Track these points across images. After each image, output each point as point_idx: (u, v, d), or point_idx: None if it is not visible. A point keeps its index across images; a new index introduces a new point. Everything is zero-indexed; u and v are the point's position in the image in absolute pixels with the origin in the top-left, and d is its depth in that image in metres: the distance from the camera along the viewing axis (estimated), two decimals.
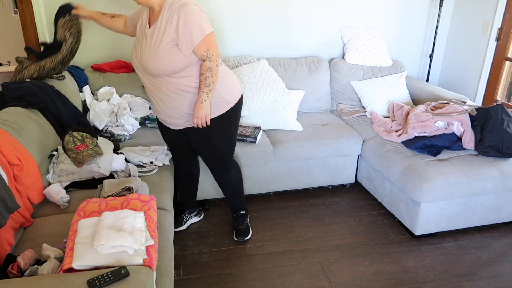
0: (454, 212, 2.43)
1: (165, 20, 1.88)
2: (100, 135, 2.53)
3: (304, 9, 3.30)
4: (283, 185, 2.87)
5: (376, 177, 2.78)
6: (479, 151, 2.47)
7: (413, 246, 2.43)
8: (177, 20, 1.84)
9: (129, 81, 2.93)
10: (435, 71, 3.85)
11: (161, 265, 1.56)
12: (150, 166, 2.29)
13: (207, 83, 1.94)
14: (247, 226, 2.50)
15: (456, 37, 3.63)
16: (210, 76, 1.93)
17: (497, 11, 3.18)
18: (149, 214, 1.53)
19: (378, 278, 2.16)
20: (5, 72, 3.66)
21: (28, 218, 1.77)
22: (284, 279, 2.15)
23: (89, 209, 1.51)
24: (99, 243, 1.30)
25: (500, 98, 3.34)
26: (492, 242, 2.48)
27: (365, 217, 2.72)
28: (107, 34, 3.03)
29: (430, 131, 2.54)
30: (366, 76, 3.34)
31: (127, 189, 1.87)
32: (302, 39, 3.40)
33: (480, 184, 2.33)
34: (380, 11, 3.47)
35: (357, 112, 3.20)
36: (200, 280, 2.13)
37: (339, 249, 2.39)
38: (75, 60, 3.05)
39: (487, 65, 3.34)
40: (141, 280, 1.25)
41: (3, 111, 2.02)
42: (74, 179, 2.07)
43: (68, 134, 2.12)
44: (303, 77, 3.21)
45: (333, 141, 2.79)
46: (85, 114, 2.63)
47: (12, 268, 1.37)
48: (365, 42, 3.35)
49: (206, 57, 1.90)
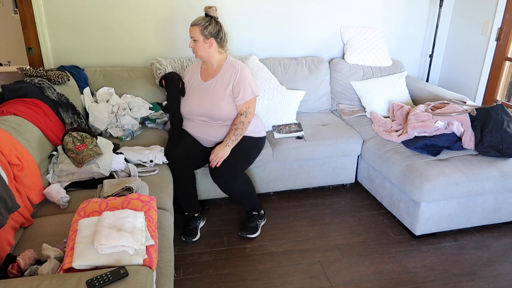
0: (454, 212, 2.43)
1: (227, 76, 2.34)
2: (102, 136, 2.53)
3: (304, 9, 3.30)
4: (283, 185, 2.87)
5: (376, 177, 2.78)
6: (479, 151, 2.47)
7: (413, 246, 2.43)
8: (240, 80, 2.30)
9: (129, 80, 2.93)
10: (435, 71, 3.85)
11: (161, 265, 1.56)
12: (150, 165, 2.29)
13: (236, 133, 2.33)
14: (256, 226, 2.51)
15: (456, 37, 3.63)
16: (241, 129, 2.34)
17: (497, 11, 3.18)
18: (150, 214, 1.53)
19: (378, 278, 2.16)
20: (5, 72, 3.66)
21: (28, 218, 1.77)
22: (284, 279, 2.15)
23: (89, 209, 1.51)
24: (99, 242, 1.30)
25: (500, 98, 3.34)
26: (492, 242, 2.48)
27: (365, 217, 2.72)
28: (107, 34, 3.03)
29: (430, 131, 2.54)
30: (366, 76, 3.34)
31: (127, 189, 1.87)
32: (302, 39, 3.40)
33: (480, 184, 2.33)
34: (380, 11, 3.47)
35: (357, 112, 3.20)
36: (200, 280, 2.13)
37: (339, 249, 2.39)
38: (75, 60, 3.06)
39: (487, 65, 3.34)
40: (140, 280, 1.25)
41: None
42: (74, 179, 2.06)
43: (67, 134, 2.11)
44: (303, 77, 3.21)
45: (333, 141, 2.79)
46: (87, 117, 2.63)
47: (12, 268, 1.37)
48: (365, 42, 3.35)
49: (244, 112, 2.34)
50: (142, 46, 3.12)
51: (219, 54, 2.36)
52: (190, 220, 2.49)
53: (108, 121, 2.62)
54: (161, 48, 3.15)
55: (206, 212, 2.74)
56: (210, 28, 2.25)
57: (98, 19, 2.98)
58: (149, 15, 3.04)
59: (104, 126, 2.60)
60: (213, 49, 2.32)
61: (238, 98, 2.32)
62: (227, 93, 2.33)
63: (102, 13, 2.97)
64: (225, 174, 2.28)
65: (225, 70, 2.35)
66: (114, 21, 3.01)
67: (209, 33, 2.26)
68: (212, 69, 2.40)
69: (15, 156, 1.76)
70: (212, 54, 2.34)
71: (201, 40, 2.27)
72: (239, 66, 2.34)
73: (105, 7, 2.96)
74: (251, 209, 2.53)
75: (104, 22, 3.00)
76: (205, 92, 2.37)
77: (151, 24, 3.07)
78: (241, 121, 2.33)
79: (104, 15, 2.98)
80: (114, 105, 2.70)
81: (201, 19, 2.27)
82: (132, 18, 3.03)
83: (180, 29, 3.11)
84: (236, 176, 2.31)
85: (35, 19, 2.86)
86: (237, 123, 2.33)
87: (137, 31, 3.07)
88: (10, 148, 1.75)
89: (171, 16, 3.08)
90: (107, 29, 3.02)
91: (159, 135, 2.71)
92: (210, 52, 2.32)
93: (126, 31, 3.05)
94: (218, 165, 2.29)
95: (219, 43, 2.32)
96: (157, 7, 3.04)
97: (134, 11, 3.01)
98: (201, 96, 2.38)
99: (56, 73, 2.56)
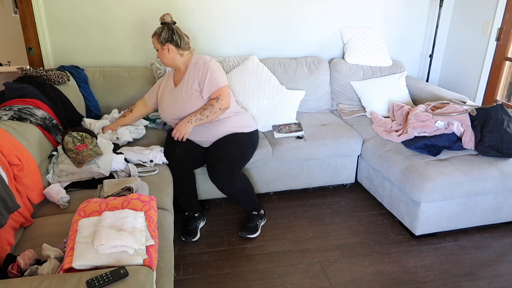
0: (454, 212, 2.43)
1: (192, 74, 2.36)
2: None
3: (304, 9, 3.30)
4: (283, 185, 2.87)
5: (376, 177, 2.78)
6: (479, 151, 2.47)
7: (413, 246, 2.43)
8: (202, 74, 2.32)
9: (129, 80, 2.93)
10: (435, 71, 3.85)
11: (161, 265, 1.56)
12: (150, 165, 2.29)
13: (204, 113, 2.32)
14: (256, 226, 2.51)
15: (456, 37, 3.63)
16: (209, 111, 2.32)
17: (497, 11, 3.18)
18: (149, 214, 1.54)
19: (378, 278, 2.16)
20: (5, 72, 3.66)
21: (28, 218, 1.77)
22: (284, 279, 2.15)
23: (89, 209, 1.51)
24: (99, 242, 1.30)
25: (500, 98, 3.34)
26: (492, 242, 2.48)
27: (365, 217, 2.72)
28: (107, 34, 3.03)
29: (430, 131, 2.54)
30: (366, 76, 3.34)
31: (127, 189, 1.87)
32: (302, 39, 3.40)
33: (480, 184, 2.33)
34: (380, 11, 3.47)
35: (357, 112, 3.20)
36: (200, 280, 2.13)
37: (339, 249, 2.39)
38: (75, 60, 3.06)
39: (487, 65, 3.34)
40: (140, 280, 1.25)
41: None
42: (74, 179, 2.07)
43: (67, 134, 2.11)
44: (303, 77, 3.21)
45: (333, 141, 2.79)
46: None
47: (12, 268, 1.37)
48: (365, 42, 3.35)
49: (216, 98, 2.32)
50: (142, 46, 3.12)
51: (182, 57, 2.38)
52: (190, 220, 2.49)
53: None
54: None
55: (206, 212, 2.74)
56: (163, 35, 2.31)
57: (98, 19, 2.98)
58: (149, 15, 3.05)
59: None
60: (172, 54, 2.35)
61: (204, 90, 2.32)
62: (194, 89, 2.35)
63: (102, 13, 2.97)
64: (222, 174, 2.28)
65: (190, 69, 2.38)
66: (114, 21, 3.01)
67: (164, 39, 2.31)
68: (181, 73, 2.43)
69: (15, 156, 1.76)
70: (174, 58, 2.36)
71: (160, 48, 2.34)
72: (202, 61, 2.36)
73: (105, 7, 2.96)
74: (250, 209, 2.52)
75: (104, 22, 3.00)
76: (176, 96, 2.39)
77: (151, 24, 3.07)
78: (211, 104, 2.32)
79: (104, 15, 2.98)
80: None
81: (157, 29, 2.34)
82: (132, 18, 3.03)
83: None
84: (233, 176, 2.31)
85: (35, 19, 2.86)
86: (207, 104, 2.33)
87: (137, 31, 3.07)
88: (10, 148, 1.75)
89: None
90: (107, 29, 3.02)
91: (159, 135, 2.72)
92: (171, 57, 2.35)
93: (126, 31, 3.06)
94: (182, 140, 2.33)
95: (177, 46, 2.34)
96: (157, 7, 3.04)
97: (134, 11, 3.01)
98: (172, 101, 2.40)
99: (56, 73, 2.56)
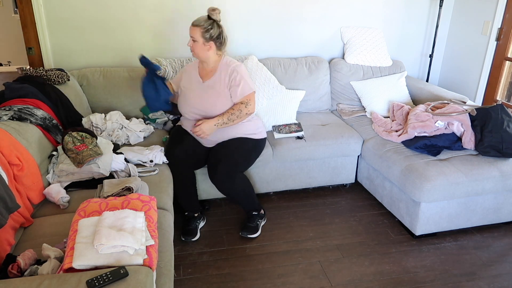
0: (454, 212, 2.43)
1: (224, 75, 2.34)
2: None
3: (304, 9, 3.30)
4: (283, 185, 2.87)
5: (376, 177, 2.78)
6: (479, 151, 2.47)
7: (413, 246, 2.43)
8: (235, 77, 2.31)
9: (129, 80, 2.92)
10: (435, 71, 3.85)
11: (161, 265, 1.56)
12: (150, 165, 2.29)
13: (230, 117, 2.33)
14: (256, 226, 2.50)
15: (456, 37, 3.63)
16: (236, 116, 2.33)
17: (497, 11, 3.18)
18: (150, 214, 1.53)
19: (378, 278, 2.16)
20: (5, 72, 3.66)
21: (28, 218, 1.77)
22: (284, 279, 2.15)
23: (89, 209, 1.51)
24: (99, 242, 1.30)
25: (500, 98, 3.34)
26: (492, 242, 2.48)
27: (365, 217, 2.72)
28: (107, 34, 3.03)
29: (430, 131, 2.54)
30: (366, 76, 3.34)
31: (127, 189, 1.87)
32: (302, 39, 3.40)
33: (480, 184, 2.33)
34: (380, 11, 3.47)
35: (357, 112, 3.20)
36: (200, 280, 2.13)
37: (339, 249, 2.39)
38: (75, 60, 3.06)
39: (487, 65, 3.33)
40: (140, 280, 1.25)
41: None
42: (74, 179, 2.07)
43: (67, 134, 2.11)
44: (303, 77, 3.21)
45: (333, 141, 2.79)
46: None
47: (12, 268, 1.37)
48: (365, 42, 3.35)
49: (245, 102, 2.34)
50: (142, 46, 3.12)
51: (217, 56, 2.37)
52: (190, 220, 2.49)
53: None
54: (161, 48, 3.15)
55: (206, 212, 2.74)
56: (211, 32, 2.25)
57: (98, 19, 2.98)
58: (149, 15, 3.04)
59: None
60: (211, 52, 2.32)
61: (237, 95, 2.33)
62: (226, 91, 2.35)
63: (102, 13, 2.97)
64: (222, 175, 2.28)
65: (221, 70, 2.36)
66: (114, 21, 3.01)
67: (210, 37, 2.25)
68: (208, 69, 2.41)
69: (15, 156, 1.76)
70: (209, 56, 2.34)
71: (200, 42, 2.26)
72: (234, 65, 2.36)
73: (104, 7, 2.96)
74: (250, 209, 2.52)
75: (104, 22, 3.00)
76: (204, 91, 2.38)
77: (151, 24, 3.07)
78: (239, 109, 2.33)
79: (104, 15, 2.98)
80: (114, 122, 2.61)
81: (204, 21, 2.25)
82: (131, 18, 3.03)
83: (180, 29, 3.10)
84: (233, 177, 2.31)
85: (35, 19, 2.86)
86: (235, 109, 2.33)
87: (137, 31, 3.07)
88: (10, 148, 1.75)
89: (171, 16, 3.08)
90: (107, 29, 3.02)
91: (159, 135, 2.72)
92: (208, 54, 2.33)
93: (126, 31, 3.05)
94: (201, 136, 2.35)
95: (218, 47, 2.33)
96: (157, 7, 3.04)
97: (133, 11, 3.01)
98: (201, 95, 2.38)
99: (56, 73, 2.56)
